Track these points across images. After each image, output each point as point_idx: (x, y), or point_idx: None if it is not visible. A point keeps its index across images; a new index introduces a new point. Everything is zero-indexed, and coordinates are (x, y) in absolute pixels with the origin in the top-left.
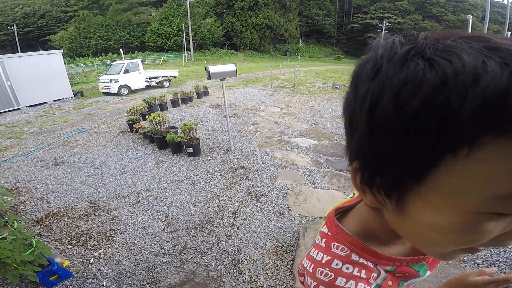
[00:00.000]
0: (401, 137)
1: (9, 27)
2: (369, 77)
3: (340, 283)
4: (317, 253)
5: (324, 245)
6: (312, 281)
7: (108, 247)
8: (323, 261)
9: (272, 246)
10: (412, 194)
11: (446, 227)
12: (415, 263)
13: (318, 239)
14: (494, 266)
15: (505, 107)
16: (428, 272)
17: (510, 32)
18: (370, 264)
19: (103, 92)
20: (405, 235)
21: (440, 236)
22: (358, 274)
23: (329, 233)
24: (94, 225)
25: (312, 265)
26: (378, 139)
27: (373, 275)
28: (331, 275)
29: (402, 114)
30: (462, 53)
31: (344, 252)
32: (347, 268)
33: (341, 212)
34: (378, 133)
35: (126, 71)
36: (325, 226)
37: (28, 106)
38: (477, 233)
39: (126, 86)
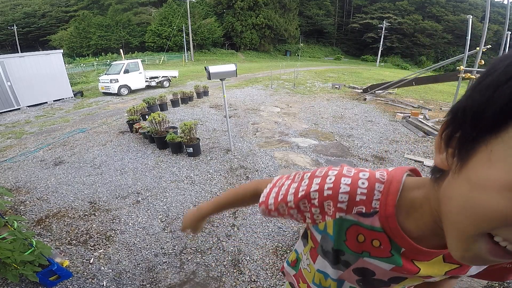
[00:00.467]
0: (498, 88)
1: (9, 27)
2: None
3: (344, 180)
4: (367, 169)
5: (378, 169)
6: (339, 166)
7: (108, 247)
8: (362, 168)
9: (272, 246)
10: (482, 148)
11: (493, 183)
12: (398, 242)
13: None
14: None
15: None
16: (389, 267)
17: (510, 32)
18: (374, 204)
19: (103, 92)
20: (447, 200)
21: (479, 197)
22: (358, 193)
23: (391, 170)
24: (94, 225)
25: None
26: (480, 90)
27: (362, 208)
28: (351, 172)
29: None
30: None
31: (380, 177)
32: (363, 183)
33: (417, 175)
34: (482, 86)
35: (126, 71)
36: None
37: (28, 106)
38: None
39: (126, 86)
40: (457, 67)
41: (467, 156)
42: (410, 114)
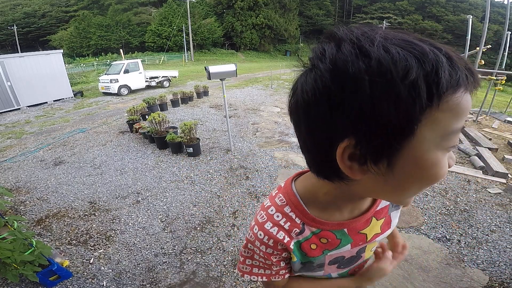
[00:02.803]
0: (398, 100)
1: (9, 27)
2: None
3: (267, 226)
4: (267, 201)
5: (273, 194)
6: (253, 221)
7: (108, 247)
8: (265, 205)
9: None
10: (402, 152)
11: (425, 169)
12: (336, 228)
13: (275, 191)
14: (494, 266)
15: (457, 76)
16: (349, 247)
17: (510, 32)
18: (297, 220)
19: (103, 92)
20: (388, 190)
21: (420, 178)
22: (283, 224)
23: (281, 186)
24: (94, 225)
25: (259, 208)
26: (377, 110)
27: (295, 230)
28: (264, 218)
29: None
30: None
31: (281, 203)
32: (277, 216)
33: (301, 175)
34: (379, 104)
35: (126, 71)
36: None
37: (28, 106)
38: (443, 167)
39: (126, 86)
40: None
41: (393, 164)
42: None
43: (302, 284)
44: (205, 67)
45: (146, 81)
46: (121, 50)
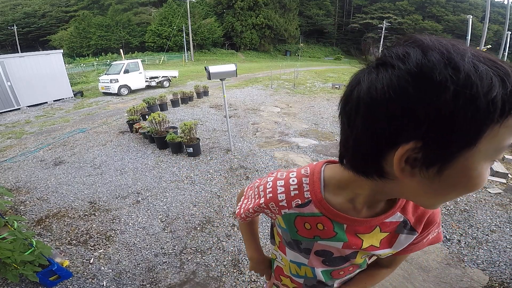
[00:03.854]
0: (475, 113)
1: (9, 27)
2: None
3: (279, 183)
4: (296, 168)
5: (303, 166)
6: (275, 172)
7: (108, 247)
8: (291, 170)
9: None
10: (457, 160)
11: (475, 176)
12: (337, 219)
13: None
14: (494, 266)
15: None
16: (340, 245)
17: (510, 32)
18: (306, 195)
19: (103, 92)
20: (427, 194)
21: (463, 186)
22: (291, 190)
23: (313, 164)
24: (94, 225)
25: (288, 169)
26: (455, 119)
27: (297, 201)
28: (283, 176)
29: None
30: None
31: (305, 173)
32: (293, 181)
33: (332, 163)
34: (457, 114)
35: (126, 71)
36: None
37: (28, 106)
38: (485, 178)
39: (126, 86)
40: None
41: (444, 169)
42: None
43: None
44: (205, 67)
45: (146, 81)
46: (121, 50)
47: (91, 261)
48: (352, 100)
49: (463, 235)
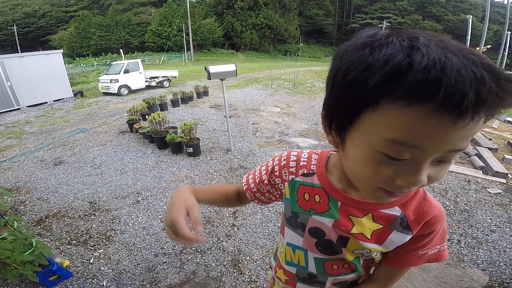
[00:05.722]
0: (348, 96)
1: (9, 27)
2: (339, 55)
3: (293, 153)
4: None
5: (314, 151)
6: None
7: (108, 247)
8: (304, 149)
9: (272, 246)
10: (348, 134)
11: (358, 159)
12: (333, 194)
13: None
14: (494, 266)
15: (397, 84)
16: (331, 222)
17: (510, 32)
18: (313, 167)
19: (103, 92)
20: (345, 169)
21: (357, 168)
22: (301, 160)
23: (323, 150)
24: (94, 225)
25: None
26: (334, 95)
27: (304, 170)
28: (296, 152)
29: (345, 81)
30: (382, 48)
31: (315, 152)
32: (304, 155)
33: None
34: (334, 91)
35: (126, 71)
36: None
37: (28, 106)
38: (374, 169)
39: (126, 86)
40: None
41: (343, 140)
42: None
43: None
44: (205, 67)
45: (146, 81)
46: (121, 50)
47: (91, 261)
48: None
49: (463, 235)
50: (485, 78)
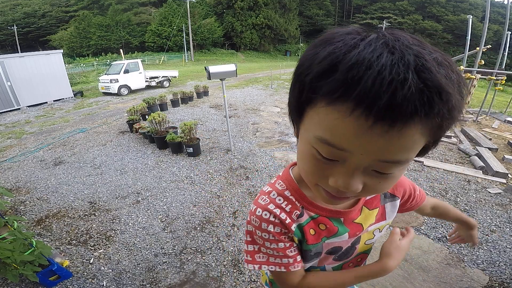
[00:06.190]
0: (296, 91)
1: (9, 27)
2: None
3: (270, 207)
4: (266, 187)
5: (272, 182)
6: (253, 205)
7: (108, 247)
8: (265, 191)
9: None
10: (300, 128)
11: (301, 152)
12: (333, 216)
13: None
14: (494, 266)
15: (323, 82)
16: (346, 236)
17: (510, 32)
18: (297, 203)
19: (103, 92)
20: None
21: (300, 162)
22: (284, 207)
23: (280, 175)
24: (94, 225)
25: (259, 194)
26: (291, 89)
27: (296, 212)
28: (267, 201)
29: (295, 75)
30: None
31: (281, 187)
32: (279, 200)
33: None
34: (291, 85)
35: (126, 71)
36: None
37: (28, 106)
38: (311, 165)
39: (126, 86)
40: (457, 67)
41: (298, 134)
42: None
43: (320, 276)
44: (205, 67)
45: (146, 81)
46: (121, 50)
47: (91, 261)
48: None
49: None
50: (407, 81)
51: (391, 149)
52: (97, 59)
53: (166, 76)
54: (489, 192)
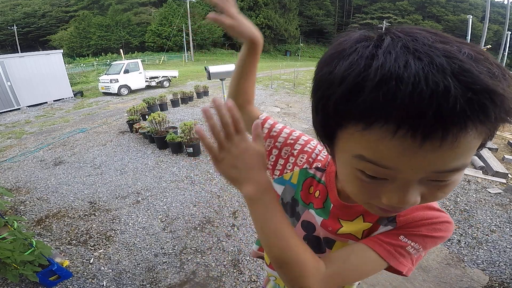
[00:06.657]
0: (320, 116)
1: (9, 27)
2: (316, 69)
3: (304, 137)
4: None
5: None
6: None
7: (108, 247)
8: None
9: None
10: (335, 151)
11: (344, 176)
12: (331, 195)
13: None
14: (494, 266)
15: (352, 105)
16: (320, 221)
17: (510, 32)
18: (329, 159)
19: (103, 92)
20: (339, 175)
21: (346, 185)
22: (317, 153)
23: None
24: (94, 225)
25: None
26: (313, 113)
27: (318, 164)
28: (315, 143)
29: (315, 99)
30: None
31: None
32: (324, 153)
33: None
34: (312, 108)
35: (126, 71)
36: None
37: (28, 106)
38: (359, 187)
39: (126, 86)
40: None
41: (333, 157)
42: None
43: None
44: (205, 67)
45: (146, 81)
46: (121, 50)
47: (91, 261)
48: None
49: (463, 235)
50: (449, 90)
51: (446, 160)
52: (97, 59)
53: (166, 76)
54: (489, 192)
